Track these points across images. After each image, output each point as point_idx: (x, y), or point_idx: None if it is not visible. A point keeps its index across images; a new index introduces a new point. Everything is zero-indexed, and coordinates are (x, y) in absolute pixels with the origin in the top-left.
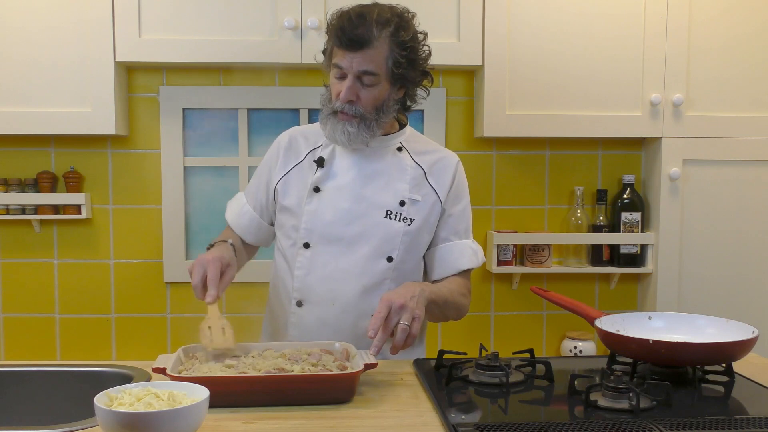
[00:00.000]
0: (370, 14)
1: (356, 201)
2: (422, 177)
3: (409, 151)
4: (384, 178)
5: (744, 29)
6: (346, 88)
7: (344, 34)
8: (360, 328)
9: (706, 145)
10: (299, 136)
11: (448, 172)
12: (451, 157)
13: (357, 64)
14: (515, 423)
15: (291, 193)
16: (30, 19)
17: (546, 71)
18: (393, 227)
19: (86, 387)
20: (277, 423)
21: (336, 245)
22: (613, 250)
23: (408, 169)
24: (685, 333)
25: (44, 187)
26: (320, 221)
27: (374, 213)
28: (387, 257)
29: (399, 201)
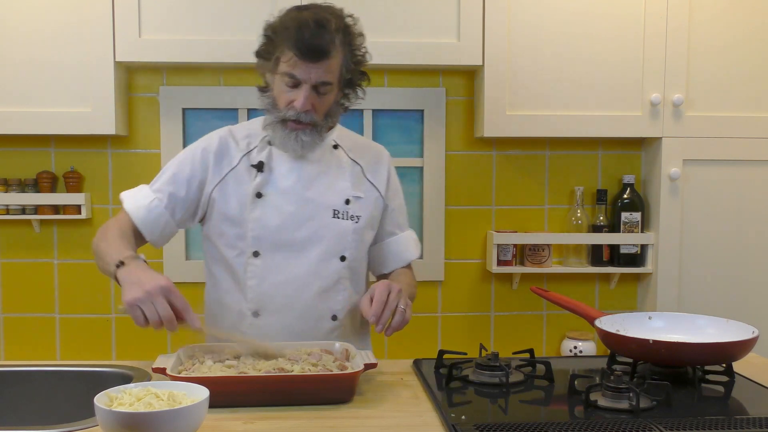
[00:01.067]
0: (329, 23)
1: (302, 204)
2: (360, 174)
3: (344, 149)
4: (326, 178)
5: (744, 29)
6: (303, 99)
7: (306, 45)
8: (320, 330)
9: (706, 145)
10: (229, 139)
11: (383, 167)
12: (383, 151)
13: (316, 75)
14: (515, 423)
15: (230, 200)
16: (30, 19)
17: (546, 71)
18: (342, 226)
19: (86, 387)
20: (277, 423)
21: (287, 250)
22: (613, 250)
23: (346, 166)
24: (685, 333)
25: (44, 187)
26: (267, 228)
27: (322, 214)
28: (340, 257)
29: (344, 200)
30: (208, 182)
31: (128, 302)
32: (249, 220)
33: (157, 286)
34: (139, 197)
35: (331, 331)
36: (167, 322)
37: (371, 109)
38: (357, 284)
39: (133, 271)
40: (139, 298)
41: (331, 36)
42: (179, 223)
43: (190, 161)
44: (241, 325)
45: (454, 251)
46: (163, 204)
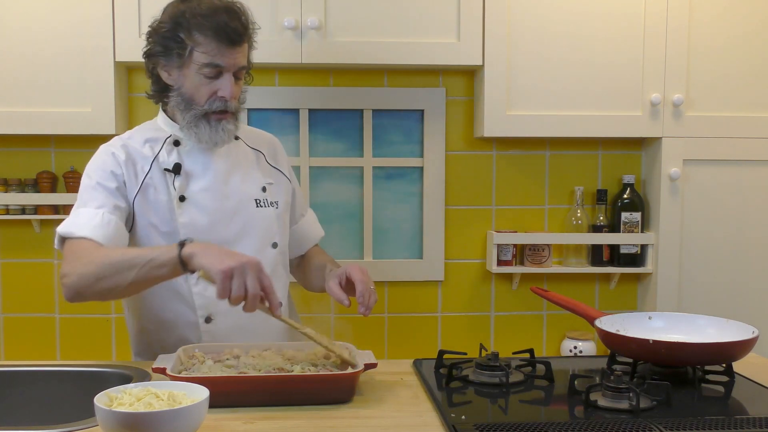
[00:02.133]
0: (235, 6)
1: (225, 198)
2: (264, 161)
3: (243, 140)
4: (239, 169)
5: (744, 29)
6: (230, 85)
7: (227, 29)
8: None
9: (706, 145)
10: (131, 144)
11: (281, 153)
12: (274, 138)
13: (238, 59)
14: (515, 423)
15: (153, 208)
16: (30, 19)
17: (546, 71)
18: (267, 214)
19: (86, 387)
20: (277, 423)
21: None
22: (613, 250)
23: (250, 156)
24: (685, 333)
25: (44, 187)
26: (198, 229)
27: (246, 205)
28: (272, 244)
29: (261, 187)
30: (128, 191)
31: (224, 270)
32: (180, 226)
33: (253, 260)
34: (85, 220)
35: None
36: (251, 298)
37: (371, 109)
38: (287, 268)
39: (207, 245)
40: (235, 268)
41: (245, 16)
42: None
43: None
44: (191, 334)
45: (454, 251)
46: (115, 215)
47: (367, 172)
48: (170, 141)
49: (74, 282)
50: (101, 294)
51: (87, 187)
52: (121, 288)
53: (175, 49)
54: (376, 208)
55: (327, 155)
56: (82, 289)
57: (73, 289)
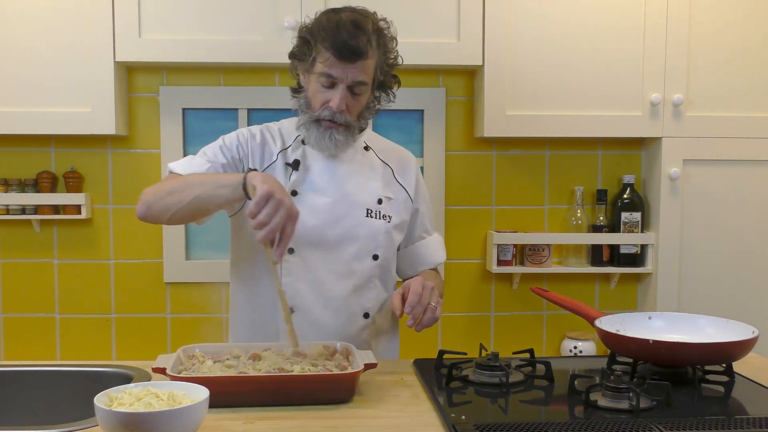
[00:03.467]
0: (365, 24)
1: (336, 202)
2: (391, 175)
3: (374, 151)
4: (358, 177)
5: (744, 29)
6: (339, 98)
7: (344, 45)
8: (352, 327)
9: (706, 145)
10: (268, 135)
11: (412, 170)
12: (410, 155)
13: (353, 75)
14: (515, 423)
15: None
16: (30, 19)
17: (546, 71)
18: (375, 225)
19: (86, 387)
20: (277, 423)
21: (322, 248)
22: (613, 250)
23: (377, 167)
24: (685, 333)
25: (44, 187)
26: (303, 225)
27: (356, 213)
28: (373, 255)
29: (377, 199)
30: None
31: (265, 193)
32: None
33: (291, 206)
34: (194, 165)
35: (363, 329)
36: (270, 231)
37: None
38: (387, 283)
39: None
40: (275, 198)
41: (367, 37)
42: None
43: (237, 143)
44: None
45: (454, 251)
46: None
47: None
48: (300, 139)
49: (147, 196)
50: (167, 208)
51: (212, 145)
52: (185, 203)
53: (306, 54)
54: None
55: None
56: (152, 202)
57: (145, 203)
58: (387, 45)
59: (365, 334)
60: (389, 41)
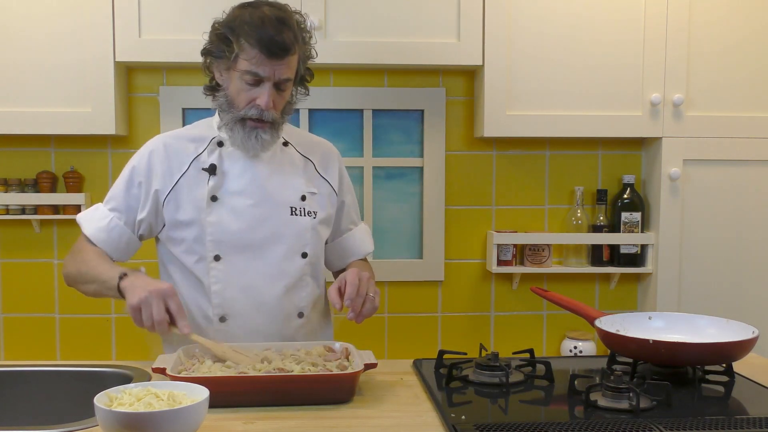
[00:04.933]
0: (290, 19)
1: (259, 203)
2: (313, 170)
3: (294, 146)
4: (279, 176)
5: (744, 29)
6: (267, 96)
7: (272, 42)
8: (288, 328)
9: (706, 145)
10: (174, 143)
11: (334, 163)
12: (332, 147)
13: (279, 72)
14: (515, 423)
15: (184, 206)
16: (30, 20)
17: (546, 71)
18: (301, 223)
19: (86, 387)
20: (277, 423)
21: (248, 252)
22: (613, 250)
23: (298, 163)
24: (685, 333)
25: (44, 187)
26: (226, 231)
27: (280, 212)
28: (301, 254)
29: (300, 196)
30: (160, 190)
31: (133, 305)
32: (206, 225)
33: (157, 289)
34: (96, 219)
35: (298, 329)
36: (158, 324)
37: (371, 109)
38: (318, 280)
39: (137, 279)
40: (142, 299)
41: (293, 32)
42: (141, 236)
43: (139, 171)
44: (208, 331)
45: (454, 251)
46: (122, 221)
47: (367, 172)
48: (215, 141)
49: (66, 276)
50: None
51: (118, 181)
52: (90, 293)
53: (225, 51)
54: (376, 208)
55: None
56: (70, 284)
57: (66, 281)
58: (305, 39)
59: (301, 333)
60: (308, 35)
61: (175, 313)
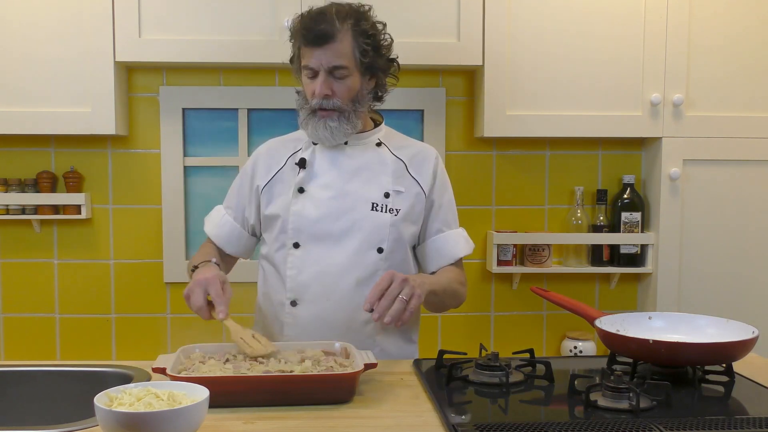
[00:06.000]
0: (329, 10)
1: (341, 196)
2: (403, 169)
3: (388, 146)
4: (366, 172)
5: (744, 29)
6: (320, 84)
7: (309, 32)
8: (355, 321)
9: (706, 145)
10: (277, 144)
11: (429, 164)
12: (430, 150)
13: (326, 60)
14: (515, 423)
15: (276, 199)
16: (30, 19)
17: (546, 71)
18: (380, 219)
19: (86, 387)
20: (277, 423)
21: (325, 242)
22: (613, 250)
23: (389, 162)
24: (685, 333)
25: (44, 187)
26: (307, 220)
27: (360, 206)
28: (377, 248)
29: (384, 193)
30: (260, 185)
31: (184, 294)
32: (291, 214)
33: (201, 278)
34: (214, 216)
35: (366, 323)
36: (198, 310)
37: None
38: None
39: (200, 272)
40: (190, 289)
41: (332, 20)
42: (251, 231)
43: (247, 172)
44: (281, 314)
45: None
46: (232, 217)
47: None
48: (311, 140)
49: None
50: None
51: (234, 182)
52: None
53: (294, 54)
54: None
55: None
56: None
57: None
58: (364, 27)
59: (369, 328)
60: (366, 23)
61: (214, 300)
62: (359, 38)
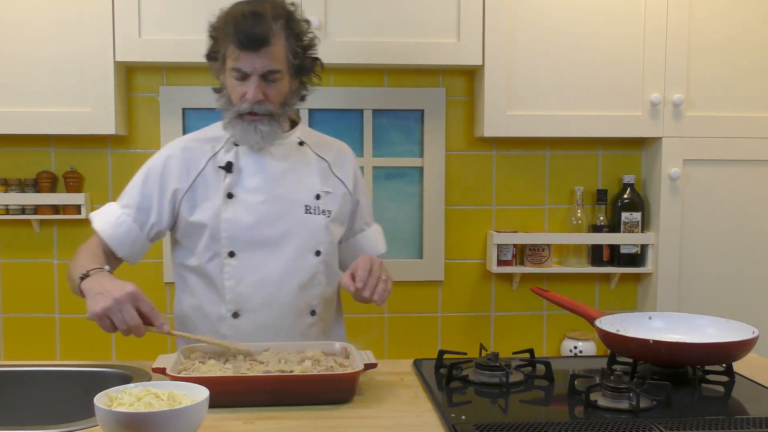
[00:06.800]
0: (265, 11)
1: (274, 201)
2: (327, 169)
3: (309, 146)
4: (293, 174)
5: (744, 29)
6: (253, 89)
7: (244, 35)
8: (300, 325)
9: (706, 145)
10: (191, 144)
11: (349, 163)
12: (347, 148)
13: (261, 64)
14: (515, 423)
15: (200, 205)
16: (30, 19)
17: (546, 71)
18: (315, 221)
19: (86, 387)
20: (277, 423)
21: (262, 249)
22: (613, 250)
23: (313, 163)
24: (685, 333)
25: (44, 187)
26: (241, 227)
27: (294, 210)
28: (315, 251)
29: (314, 195)
30: (179, 189)
31: (97, 313)
32: (222, 221)
33: (124, 293)
34: (107, 214)
35: (309, 326)
36: (135, 329)
37: (371, 109)
38: (330, 278)
39: (97, 281)
40: (108, 308)
41: (268, 23)
42: (150, 236)
43: (156, 172)
44: (220, 328)
45: (454, 251)
46: (131, 218)
47: (367, 172)
48: (231, 140)
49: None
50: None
51: (132, 181)
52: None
53: (218, 53)
54: (376, 208)
55: None
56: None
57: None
58: (295, 28)
59: (312, 331)
60: (298, 23)
61: (149, 314)
62: (291, 40)
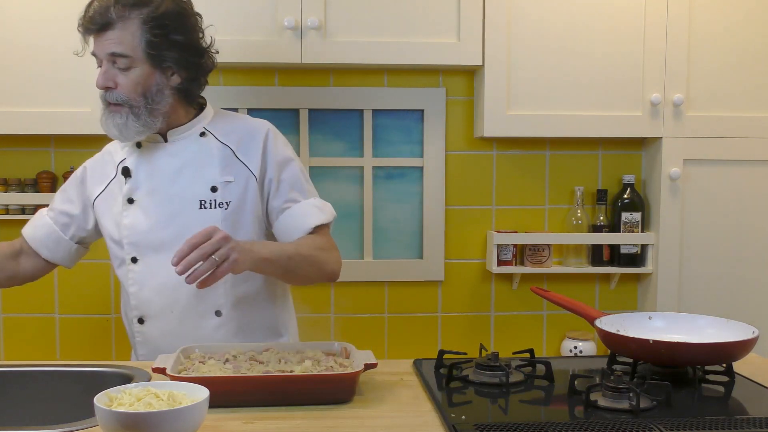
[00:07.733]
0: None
1: (168, 201)
2: (231, 156)
3: (213, 134)
4: (190, 169)
5: (745, 29)
6: (99, 75)
7: (85, 17)
8: (205, 329)
9: (706, 145)
10: (109, 148)
11: (257, 143)
12: (260, 127)
13: (105, 46)
14: (515, 423)
15: (106, 213)
16: (30, 19)
17: (546, 71)
18: (209, 216)
19: (86, 387)
20: (277, 423)
21: (160, 252)
22: (613, 250)
23: (215, 152)
24: (685, 333)
25: (44, 187)
26: (139, 232)
27: (187, 208)
28: None
29: (210, 187)
30: (92, 197)
31: None
32: (122, 228)
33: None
34: (35, 218)
35: (216, 329)
36: None
37: (371, 109)
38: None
39: None
40: None
41: (107, 5)
42: (75, 239)
43: (77, 177)
44: (135, 334)
45: (454, 251)
46: (52, 220)
47: (367, 172)
48: (134, 144)
49: None
50: None
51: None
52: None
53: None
54: (376, 208)
55: (327, 155)
56: None
57: None
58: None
59: (220, 333)
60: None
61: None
62: (146, 27)
